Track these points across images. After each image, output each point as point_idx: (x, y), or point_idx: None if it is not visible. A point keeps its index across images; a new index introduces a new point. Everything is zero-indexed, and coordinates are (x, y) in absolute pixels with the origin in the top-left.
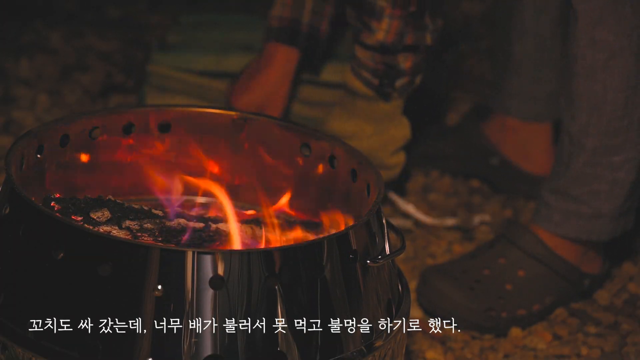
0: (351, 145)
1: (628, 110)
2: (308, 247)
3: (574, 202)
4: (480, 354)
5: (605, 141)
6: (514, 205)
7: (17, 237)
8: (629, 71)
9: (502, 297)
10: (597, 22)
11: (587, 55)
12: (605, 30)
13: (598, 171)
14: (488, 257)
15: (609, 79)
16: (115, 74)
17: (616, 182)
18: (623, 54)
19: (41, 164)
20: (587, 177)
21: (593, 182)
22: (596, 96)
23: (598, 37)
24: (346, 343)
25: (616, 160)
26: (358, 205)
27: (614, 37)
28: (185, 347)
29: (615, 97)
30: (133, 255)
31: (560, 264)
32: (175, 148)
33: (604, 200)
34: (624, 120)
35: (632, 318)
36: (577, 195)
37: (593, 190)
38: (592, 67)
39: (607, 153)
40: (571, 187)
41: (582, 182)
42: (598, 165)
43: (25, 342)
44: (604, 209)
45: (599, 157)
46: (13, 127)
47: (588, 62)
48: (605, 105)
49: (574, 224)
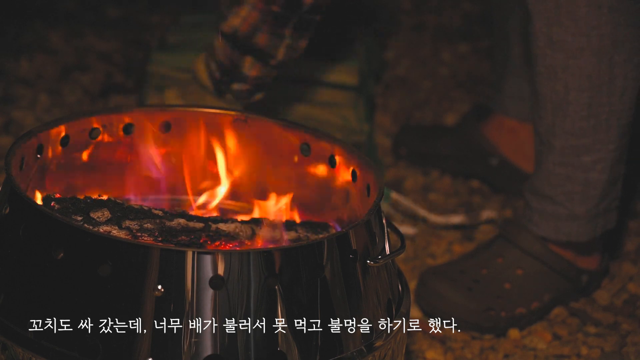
0: (351, 145)
1: (593, 110)
2: (308, 247)
3: (550, 203)
4: (480, 354)
5: (572, 141)
6: (513, 205)
7: (17, 237)
8: (591, 71)
9: (500, 297)
10: (553, 23)
11: (547, 55)
12: (562, 30)
13: (569, 172)
14: (486, 257)
15: (570, 79)
16: (115, 74)
17: (589, 183)
18: (583, 54)
19: (41, 164)
20: (558, 177)
21: (566, 182)
22: (558, 96)
23: (555, 37)
24: (346, 343)
25: (587, 161)
26: (358, 205)
27: (572, 38)
28: (185, 347)
29: (578, 97)
30: (133, 255)
31: (557, 261)
32: (175, 148)
33: (578, 201)
34: (590, 121)
35: (632, 318)
36: (551, 195)
37: (567, 191)
38: (552, 66)
39: (576, 153)
40: (545, 187)
41: (554, 183)
42: (569, 166)
43: (25, 342)
44: (579, 210)
45: (568, 157)
46: (13, 127)
47: (548, 61)
48: (568, 105)
49: (552, 225)
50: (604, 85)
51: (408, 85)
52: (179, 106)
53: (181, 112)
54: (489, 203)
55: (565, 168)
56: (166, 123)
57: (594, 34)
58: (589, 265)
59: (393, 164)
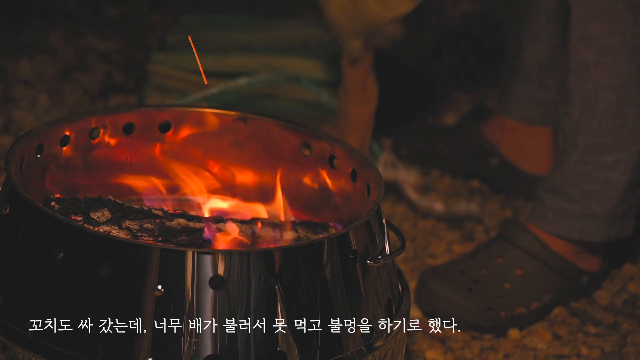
0: (351, 145)
1: (620, 109)
2: (308, 247)
3: (567, 200)
4: (480, 354)
5: (596, 140)
6: (513, 205)
7: (17, 237)
8: (622, 70)
9: (500, 297)
10: (590, 19)
11: (579, 51)
12: (598, 27)
13: (590, 170)
14: (486, 257)
15: (600, 77)
16: (115, 74)
17: (609, 183)
18: (615, 53)
19: (41, 164)
20: (579, 175)
21: (585, 181)
22: (588, 93)
23: (590, 33)
24: (346, 343)
25: (609, 160)
26: (358, 205)
27: (607, 35)
28: (185, 347)
29: (607, 95)
30: (133, 255)
31: (557, 261)
32: (176, 148)
33: (596, 200)
34: (617, 120)
35: (632, 318)
36: (570, 193)
37: (585, 190)
38: (584, 64)
39: (599, 152)
40: (564, 185)
41: (574, 181)
42: (590, 164)
43: (25, 342)
44: (596, 209)
45: (590, 155)
46: (13, 127)
47: (580, 58)
48: (596, 103)
49: (566, 223)
50: (634, 85)
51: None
52: (179, 106)
53: (181, 112)
54: (489, 203)
55: (587, 166)
56: (166, 123)
57: (628, 33)
58: (590, 266)
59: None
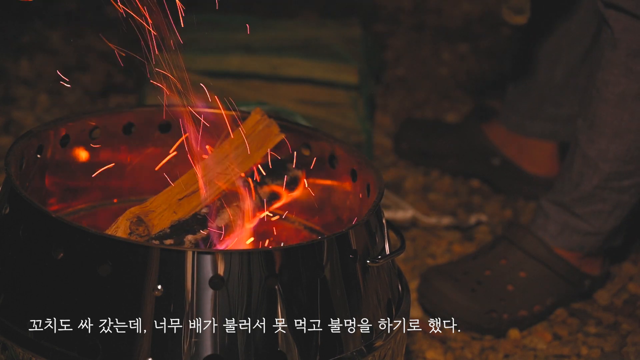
0: (351, 146)
1: None
2: (308, 247)
3: (575, 218)
4: (480, 354)
5: (621, 167)
6: (514, 205)
7: (17, 237)
8: None
9: (503, 299)
10: (637, 54)
11: (621, 83)
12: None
13: (606, 194)
14: (489, 259)
15: (638, 109)
16: (115, 74)
17: (619, 205)
18: None
19: (41, 164)
20: (595, 198)
21: (599, 203)
22: (621, 124)
23: (636, 68)
24: (346, 343)
25: (625, 185)
26: (358, 205)
27: None
28: (185, 347)
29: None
30: (133, 255)
31: (561, 265)
32: (175, 148)
33: (604, 220)
34: None
35: (632, 318)
36: (581, 214)
37: (597, 211)
38: (623, 95)
39: (620, 177)
40: (577, 205)
41: (588, 202)
42: (608, 189)
43: (25, 342)
44: (602, 228)
45: (612, 181)
46: (13, 127)
47: (621, 89)
48: (629, 133)
49: (568, 237)
50: None
51: (408, 85)
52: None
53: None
54: (489, 203)
55: (604, 190)
56: (166, 123)
57: None
58: (592, 270)
59: (393, 164)
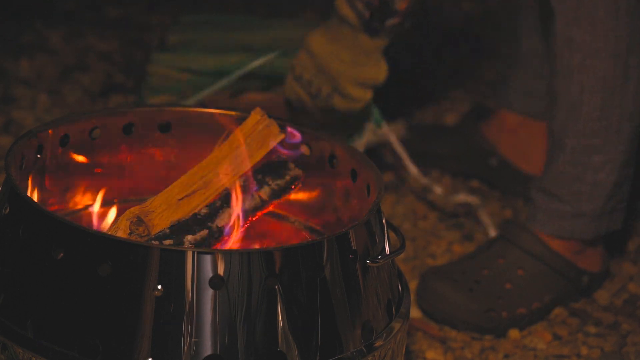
0: (351, 145)
1: (605, 112)
2: (308, 247)
3: (557, 201)
4: (480, 354)
5: (583, 141)
6: (513, 205)
7: (17, 237)
8: (606, 73)
9: (501, 297)
10: (573, 22)
11: (564, 54)
12: (581, 31)
13: (579, 171)
14: (487, 258)
15: (585, 80)
16: (115, 74)
17: (597, 184)
18: (599, 56)
19: (41, 164)
20: (568, 176)
21: (574, 182)
22: (572, 96)
23: (574, 36)
24: (346, 343)
25: (597, 161)
26: (358, 205)
27: (590, 38)
28: (185, 347)
29: (591, 98)
30: (133, 255)
31: (558, 261)
32: (175, 148)
33: (585, 201)
34: (602, 122)
35: (632, 318)
36: (559, 194)
37: (574, 191)
38: (569, 66)
39: (587, 153)
40: (553, 186)
41: (563, 182)
42: (578, 165)
43: (25, 342)
44: (585, 209)
45: (578, 156)
46: (13, 127)
47: (565, 61)
48: (581, 106)
49: (556, 223)
50: (617, 88)
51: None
52: (178, 106)
53: (181, 112)
54: (489, 203)
55: (575, 167)
56: (166, 123)
57: (611, 36)
58: (590, 266)
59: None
